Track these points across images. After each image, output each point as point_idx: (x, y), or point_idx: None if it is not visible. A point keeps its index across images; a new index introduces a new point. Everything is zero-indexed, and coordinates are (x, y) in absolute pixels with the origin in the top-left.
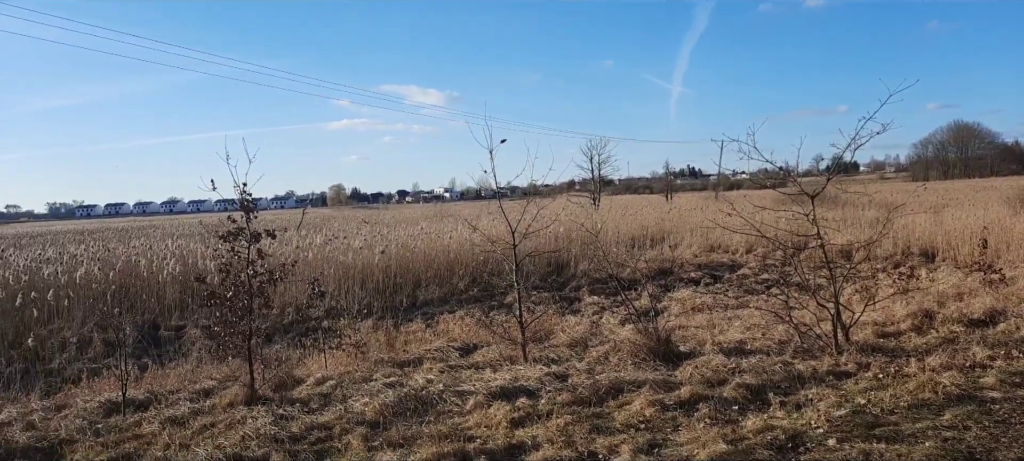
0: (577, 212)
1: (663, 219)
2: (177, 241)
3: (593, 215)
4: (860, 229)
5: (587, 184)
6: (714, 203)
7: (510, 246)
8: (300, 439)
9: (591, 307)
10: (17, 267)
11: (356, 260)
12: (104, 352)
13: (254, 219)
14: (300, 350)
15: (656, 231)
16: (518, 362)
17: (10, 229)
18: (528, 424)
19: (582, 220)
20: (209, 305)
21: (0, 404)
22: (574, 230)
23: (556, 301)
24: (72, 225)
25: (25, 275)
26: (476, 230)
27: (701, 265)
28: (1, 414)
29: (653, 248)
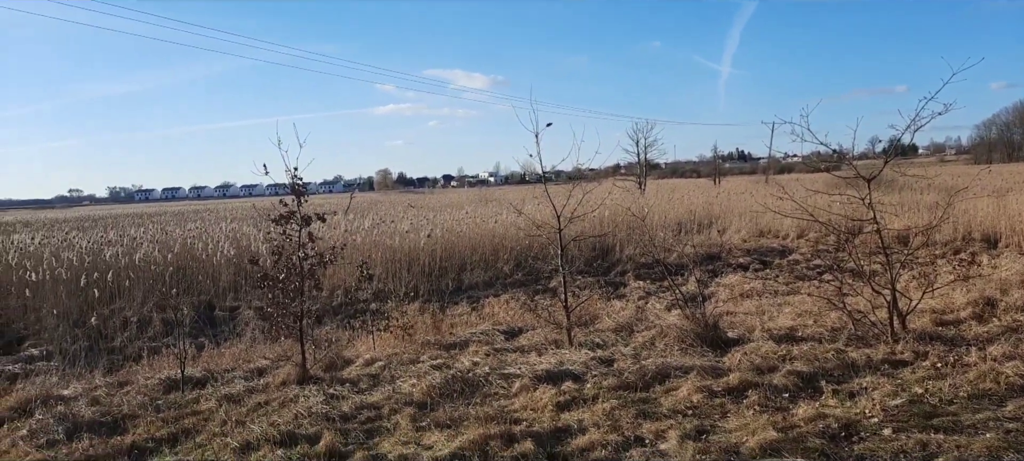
0: (622, 196)
1: (711, 203)
2: (231, 224)
3: (639, 199)
4: (918, 213)
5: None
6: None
7: (555, 230)
8: (350, 418)
9: (636, 292)
10: (81, 249)
11: (403, 244)
12: (163, 331)
13: (305, 203)
14: (349, 331)
15: (703, 215)
16: (563, 346)
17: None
18: (574, 408)
19: (628, 204)
20: (262, 287)
21: (67, 380)
22: (619, 214)
23: (601, 286)
24: (131, 209)
25: (88, 257)
26: (521, 214)
27: (750, 250)
28: (68, 389)
29: (700, 233)
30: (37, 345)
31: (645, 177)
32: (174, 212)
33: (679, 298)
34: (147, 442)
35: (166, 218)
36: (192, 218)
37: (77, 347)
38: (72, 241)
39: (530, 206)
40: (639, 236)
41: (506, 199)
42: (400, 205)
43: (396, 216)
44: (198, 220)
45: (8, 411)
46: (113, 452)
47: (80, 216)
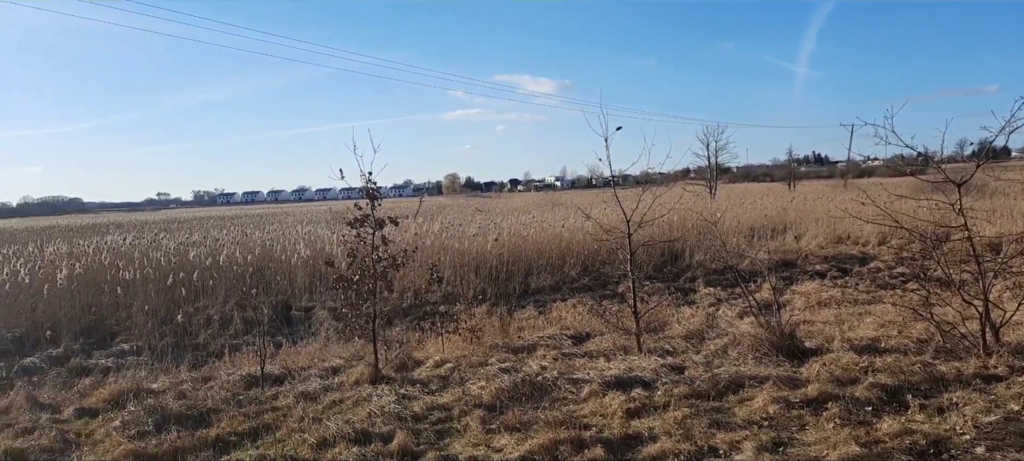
0: (692, 201)
1: (785, 208)
2: (306, 227)
3: (709, 204)
4: (1013, 220)
5: (703, 172)
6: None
7: (624, 235)
8: (422, 418)
9: (707, 298)
10: (168, 250)
11: (470, 247)
12: (243, 329)
13: (378, 206)
14: (418, 333)
15: (777, 221)
16: (632, 352)
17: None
18: (644, 415)
19: (698, 209)
20: (337, 288)
21: (155, 374)
22: (689, 219)
23: (670, 292)
24: (214, 211)
25: (175, 257)
26: (589, 218)
27: (827, 257)
28: (156, 383)
29: (774, 239)
30: (128, 340)
31: (715, 181)
32: (253, 215)
33: (752, 305)
34: (230, 435)
35: (246, 220)
36: (270, 221)
37: (164, 343)
38: (160, 242)
39: (597, 210)
40: (710, 242)
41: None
42: (468, 209)
43: (464, 220)
44: (276, 223)
45: (103, 403)
46: (199, 444)
47: (167, 218)
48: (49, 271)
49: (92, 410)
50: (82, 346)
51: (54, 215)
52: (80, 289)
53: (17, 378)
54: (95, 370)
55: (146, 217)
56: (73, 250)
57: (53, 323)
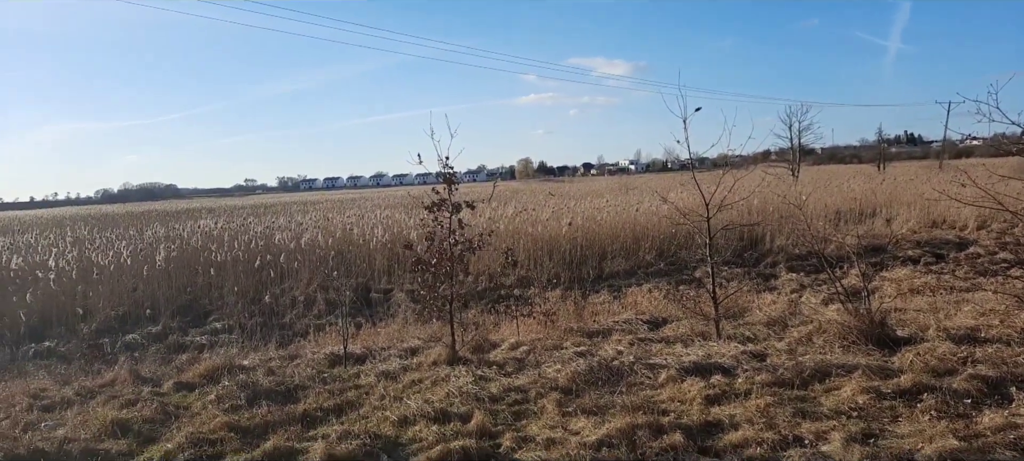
0: (773, 184)
1: (874, 191)
2: (384, 212)
3: (792, 187)
4: None
5: (785, 154)
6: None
7: (702, 219)
8: (498, 400)
9: (789, 284)
10: (255, 234)
11: (544, 231)
12: (326, 310)
13: (455, 191)
14: (493, 316)
15: (866, 204)
16: (710, 338)
17: (249, 200)
18: (724, 402)
19: (780, 192)
20: (415, 270)
21: (245, 352)
22: (770, 203)
23: (750, 277)
24: (297, 197)
25: (261, 241)
26: (666, 202)
27: (920, 242)
28: (247, 360)
29: (861, 223)
30: (220, 319)
31: (798, 163)
32: (334, 200)
33: (839, 292)
34: (316, 411)
35: (327, 205)
36: (349, 206)
37: (253, 322)
38: (248, 226)
39: (673, 194)
40: (791, 226)
41: (648, 187)
42: (540, 193)
43: (537, 204)
44: (355, 207)
45: (198, 377)
46: (288, 419)
47: (254, 203)
48: (148, 254)
49: (189, 384)
50: (178, 324)
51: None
52: (176, 270)
53: (121, 353)
54: (190, 347)
55: (235, 202)
56: (169, 234)
57: (152, 302)
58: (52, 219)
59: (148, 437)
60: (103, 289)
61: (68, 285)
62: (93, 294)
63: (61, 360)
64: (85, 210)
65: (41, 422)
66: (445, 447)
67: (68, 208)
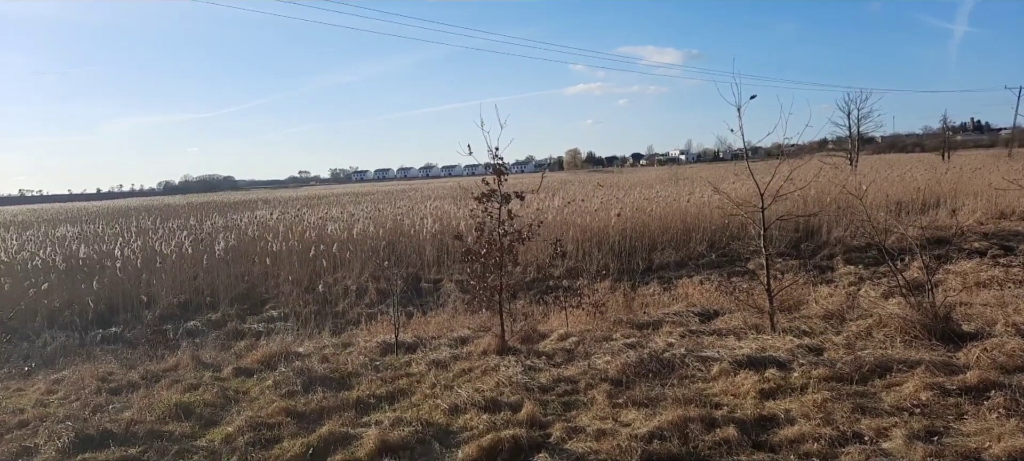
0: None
1: (937, 181)
2: (434, 203)
3: (850, 176)
4: None
5: (843, 142)
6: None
7: (756, 209)
8: (548, 390)
9: (846, 277)
10: (309, 224)
11: (592, 222)
12: (377, 299)
13: (504, 182)
14: (542, 306)
15: (929, 194)
16: (764, 331)
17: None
18: (779, 396)
19: (838, 182)
20: (465, 261)
21: (300, 339)
22: (827, 193)
23: (805, 269)
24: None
25: (315, 231)
26: (719, 192)
27: (988, 234)
28: (302, 347)
29: (924, 213)
30: (276, 307)
31: (857, 152)
32: (385, 191)
33: (901, 285)
34: (369, 398)
35: (378, 196)
36: (400, 197)
37: (308, 310)
38: (302, 217)
39: (726, 184)
40: (849, 217)
41: (698, 177)
42: (589, 184)
43: (585, 195)
44: (405, 199)
45: (256, 363)
46: (342, 405)
47: (308, 194)
48: (207, 243)
49: (247, 370)
50: (236, 311)
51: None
52: (234, 260)
53: (182, 339)
54: (248, 334)
55: (289, 193)
56: (227, 224)
57: (212, 290)
58: (118, 210)
59: (210, 420)
60: (165, 277)
61: (133, 273)
62: (156, 282)
63: (127, 345)
64: (148, 201)
65: (109, 404)
66: (496, 436)
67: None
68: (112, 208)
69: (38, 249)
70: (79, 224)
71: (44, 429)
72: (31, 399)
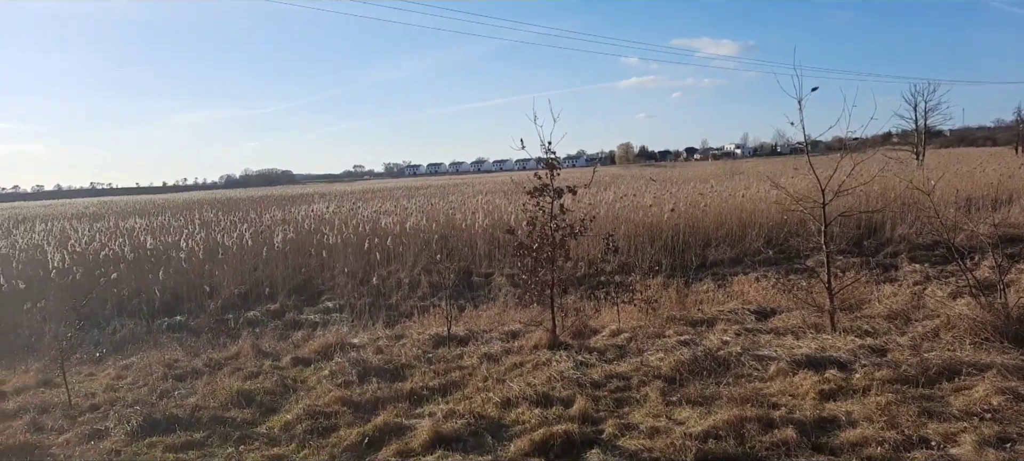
0: (895, 168)
1: (1010, 176)
2: (485, 197)
3: (916, 172)
4: None
5: (908, 136)
6: None
7: (817, 205)
8: (600, 386)
9: (911, 276)
10: (363, 217)
11: (645, 218)
12: (429, 292)
13: (557, 176)
14: (593, 302)
15: (1001, 190)
16: (824, 331)
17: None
18: (840, 398)
19: (903, 177)
20: (517, 255)
21: (355, 330)
22: (892, 188)
23: (867, 267)
24: (402, 182)
25: (369, 224)
26: (778, 187)
27: None
28: (356, 338)
29: (996, 210)
30: (331, 299)
31: (924, 146)
32: (437, 185)
33: (970, 284)
34: (422, 390)
35: (430, 191)
36: (452, 191)
37: (362, 302)
38: (357, 210)
39: (784, 179)
40: (915, 213)
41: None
42: (641, 179)
43: (638, 190)
44: (457, 193)
45: (313, 353)
46: (396, 396)
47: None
48: (267, 236)
49: (305, 359)
50: (294, 302)
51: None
52: (292, 252)
53: (243, 328)
54: (305, 324)
55: (344, 187)
56: (285, 217)
57: (270, 281)
58: (182, 203)
59: (269, 407)
60: (227, 268)
61: (197, 264)
62: (218, 273)
63: (191, 333)
64: (211, 194)
65: (174, 390)
66: (548, 430)
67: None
68: (177, 201)
69: (108, 240)
70: (146, 216)
71: (114, 413)
72: (102, 384)
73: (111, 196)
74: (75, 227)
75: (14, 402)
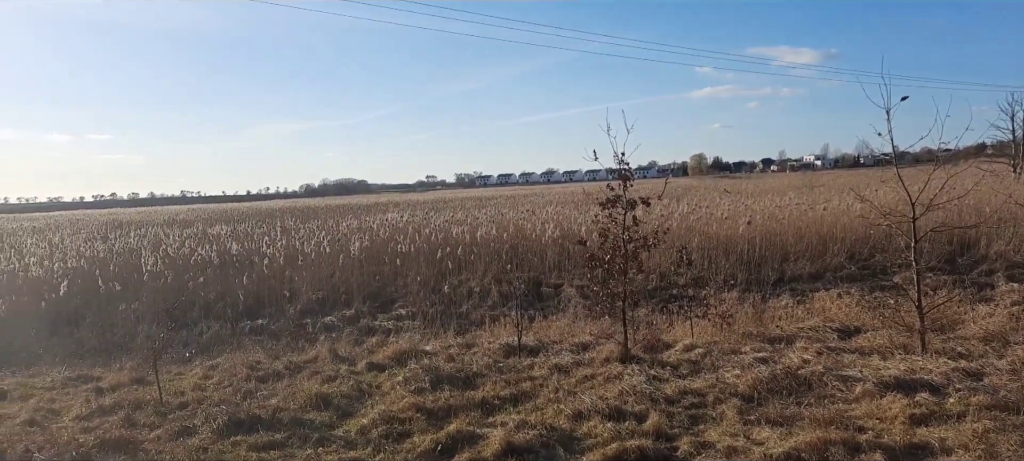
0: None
1: None
2: (555, 208)
3: (1014, 185)
4: None
5: (1005, 147)
6: None
7: (906, 219)
8: (674, 402)
9: (1008, 296)
10: (435, 227)
11: (719, 230)
12: (499, 301)
13: (630, 187)
14: (665, 315)
15: None
16: (913, 352)
17: (429, 195)
18: (933, 423)
19: (1000, 190)
20: (588, 266)
21: (427, 338)
22: (987, 203)
23: (960, 286)
24: (473, 193)
25: (441, 234)
26: (864, 200)
27: None
28: (428, 346)
29: None
30: (404, 306)
31: (1022, 158)
32: (507, 196)
33: None
34: (494, 399)
35: (500, 201)
36: (522, 202)
37: (433, 310)
38: (429, 220)
39: (868, 192)
40: (1013, 229)
41: (836, 184)
42: (715, 191)
43: (711, 202)
44: (527, 203)
45: (387, 359)
46: (468, 404)
47: (435, 199)
48: (343, 244)
49: (379, 365)
50: (368, 309)
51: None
52: (367, 259)
53: (320, 333)
54: (379, 330)
55: (417, 197)
56: (361, 226)
57: (346, 288)
58: (264, 211)
59: (346, 411)
60: (306, 274)
61: (277, 270)
62: (297, 278)
63: (271, 336)
64: (291, 203)
65: (257, 391)
66: (621, 445)
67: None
68: (259, 209)
69: (197, 246)
70: (231, 223)
71: (202, 411)
72: (190, 383)
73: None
74: (166, 233)
75: (110, 398)
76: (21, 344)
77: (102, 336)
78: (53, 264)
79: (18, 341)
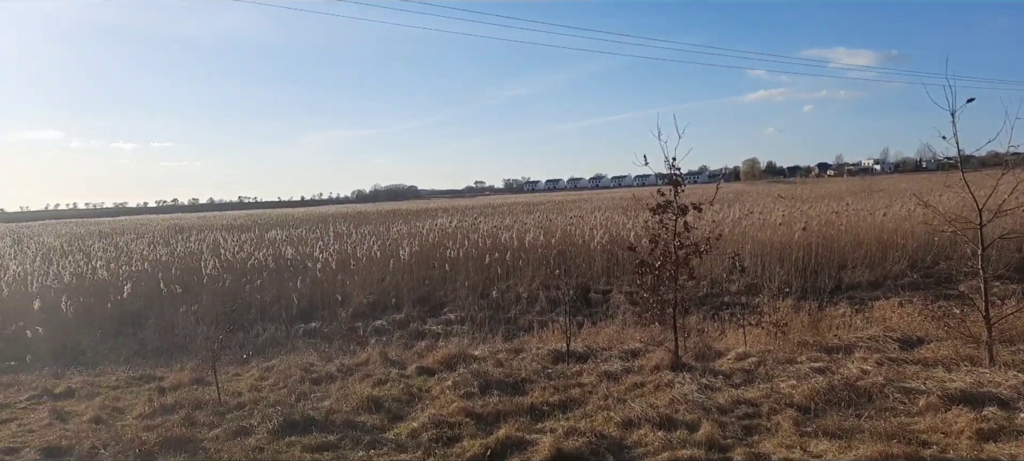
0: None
1: None
2: (603, 214)
3: None
4: None
5: None
6: None
7: (973, 226)
8: (727, 411)
9: None
10: (484, 232)
11: (773, 236)
12: (547, 307)
13: (681, 193)
14: (716, 323)
15: None
16: (980, 364)
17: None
18: (1002, 439)
19: None
20: (637, 272)
21: (475, 343)
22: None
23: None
24: (521, 198)
25: (489, 239)
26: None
27: None
28: (477, 351)
29: None
30: (453, 311)
31: None
32: (555, 201)
33: None
34: (542, 405)
35: (548, 207)
36: (569, 207)
37: (481, 315)
38: (477, 225)
39: (931, 197)
40: None
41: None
42: (768, 196)
43: (764, 208)
44: (575, 209)
45: (437, 364)
46: (516, 410)
47: (483, 204)
48: (393, 249)
49: (429, 369)
50: (418, 313)
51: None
52: (416, 264)
53: (371, 336)
54: (428, 335)
55: (466, 202)
56: (411, 231)
57: (396, 292)
58: (317, 216)
59: (396, 414)
60: (357, 279)
61: (330, 274)
62: (349, 283)
63: (324, 339)
64: (343, 208)
65: (311, 393)
66: (672, 454)
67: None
68: (313, 214)
69: (254, 250)
70: (286, 228)
71: (258, 412)
72: (247, 384)
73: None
74: (225, 237)
75: (171, 397)
76: (88, 343)
77: (163, 337)
78: (118, 267)
79: (85, 341)
